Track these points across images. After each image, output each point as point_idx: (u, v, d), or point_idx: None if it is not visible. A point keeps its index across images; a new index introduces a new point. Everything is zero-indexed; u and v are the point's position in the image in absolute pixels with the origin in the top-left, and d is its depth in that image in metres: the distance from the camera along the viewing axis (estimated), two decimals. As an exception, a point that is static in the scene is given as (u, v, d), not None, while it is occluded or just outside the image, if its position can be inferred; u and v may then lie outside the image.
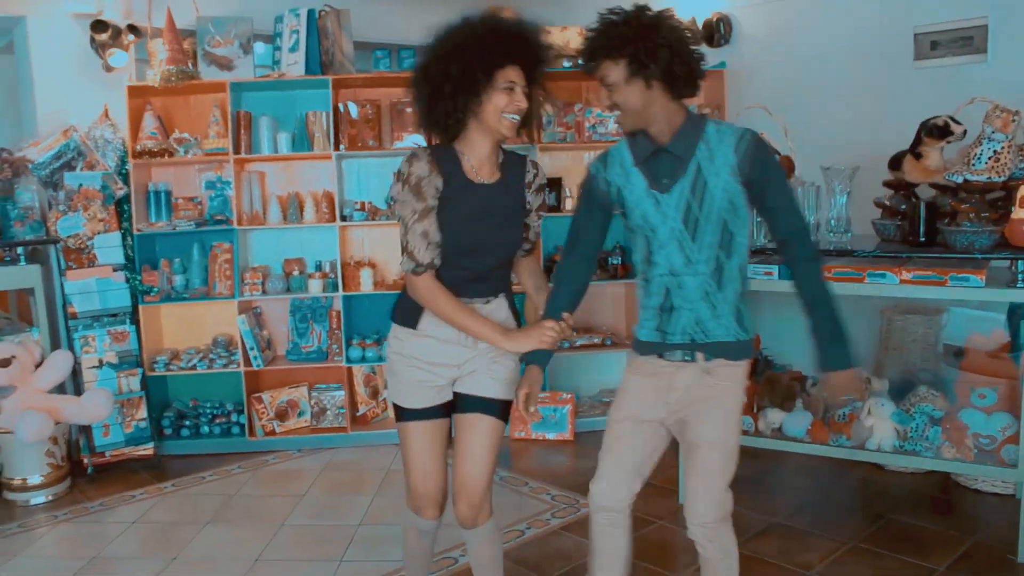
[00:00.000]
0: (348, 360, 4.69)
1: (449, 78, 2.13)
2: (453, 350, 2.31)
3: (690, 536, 2.35)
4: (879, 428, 3.34)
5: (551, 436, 4.69)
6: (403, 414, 2.37)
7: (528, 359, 2.32)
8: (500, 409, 2.36)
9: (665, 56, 2.09)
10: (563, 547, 3.37)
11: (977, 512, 3.55)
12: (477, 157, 2.25)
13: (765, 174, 2.17)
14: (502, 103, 2.15)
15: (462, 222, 2.22)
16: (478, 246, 2.26)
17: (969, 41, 3.99)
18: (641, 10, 2.13)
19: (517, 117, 2.19)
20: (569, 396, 4.71)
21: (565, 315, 2.35)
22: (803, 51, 4.62)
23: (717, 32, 4.90)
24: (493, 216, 2.25)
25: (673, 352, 2.28)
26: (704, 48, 4.95)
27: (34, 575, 3.32)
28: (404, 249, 2.22)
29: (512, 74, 2.16)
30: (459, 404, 2.38)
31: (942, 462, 3.25)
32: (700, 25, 4.94)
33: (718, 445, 2.29)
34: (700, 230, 2.18)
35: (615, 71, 2.12)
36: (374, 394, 4.89)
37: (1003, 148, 3.07)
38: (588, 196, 2.37)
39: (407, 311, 2.33)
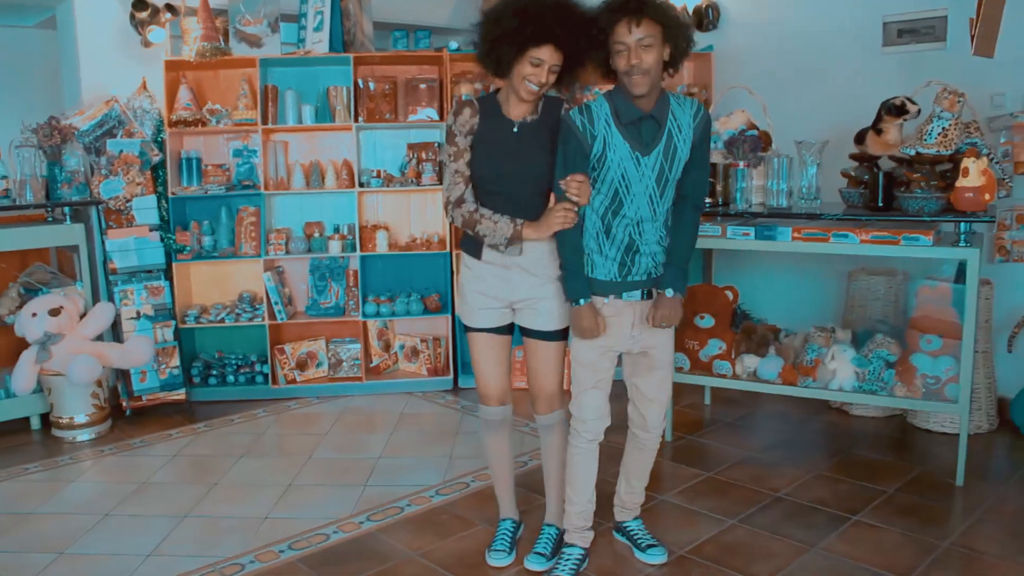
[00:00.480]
0: (363, 315, 5.12)
1: (496, 38, 2.57)
2: (502, 285, 2.79)
3: (640, 438, 2.96)
4: (841, 371, 3.79)
5: (549, 386, 5.12)
6: (468, 327, 2.88)
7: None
8: (551, 335, 2.83)
9: (685, 33, 2.55)
10: (562, 474, 3.82)
11: (928, 448, 4.02)
12: (512, 101, 2.70)
13: (704, 141, 2.68)
14: (526, 71, 2.58)
15: (491, 154, 2.70)
16: (508, 173, 2.70)
17: (931, 30, 4.42)
18: None
19: (536, 87, 2.60)
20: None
21: (570, 178, 2.59)
22: (783, 36, 5.03)
23: (706, 17, 5.30)
24: (522, 148, 2.69)
25: (632, 292, 2.72)
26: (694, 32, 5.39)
27: (91, 498, 3.72)
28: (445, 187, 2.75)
29: (543, 52, 2.55)
30: (522, 330, 2.88)
31: (895, 399, 3.71)
32: (691, 11, 5.35)
33: (670, 363, 2.90)
34: (667, 187, 2.65)
35: (655, 32, 2.48)
36: (387, 347, 5.32)
37: (950, 125, 3.51)
38: (572, 146, 2.59)
39: (468, 242, 2.83)
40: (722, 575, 2.89)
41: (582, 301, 2.67)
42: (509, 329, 2.90)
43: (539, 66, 2.57)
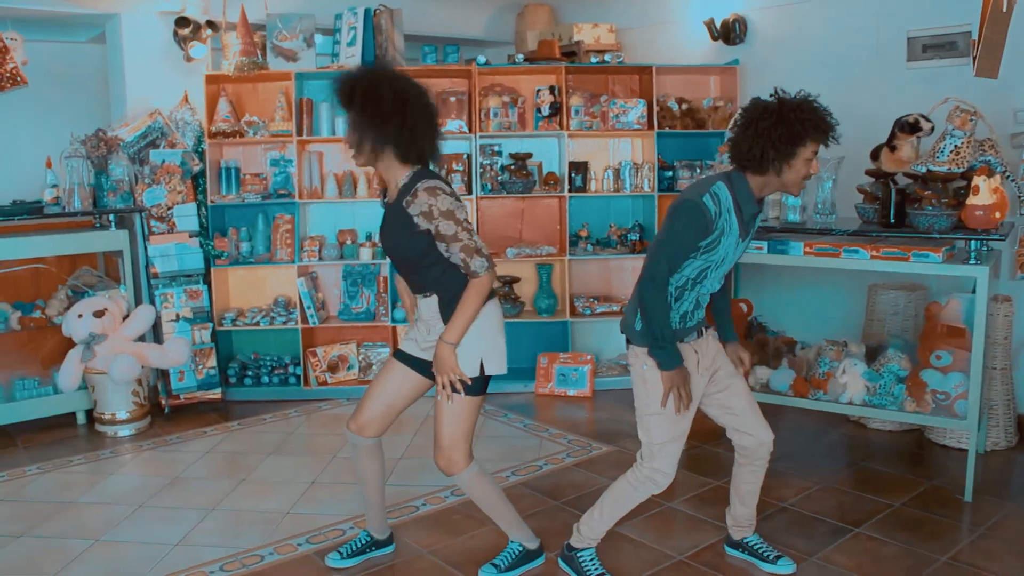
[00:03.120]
0: (393, 320, 5.28)
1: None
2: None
3: (757, 455, 3.02)
4: (851, 384, 3.84)
5: (572, 393, 5.24)
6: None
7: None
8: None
9: None
10: (574, 479, 3.92)
11: (942, 463, 4.03)
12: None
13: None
14: None
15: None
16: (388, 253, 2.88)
17: (954, 45, 4.43)
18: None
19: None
20: (590, 357, 5.26)
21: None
22: (809, 51, 5.07)
23: (733, 32, 5.37)
24: (385, 229, 2.83)
25: (690, 335, 2.83)
26: (721, 45, 5.46)
27: (128, 489, 3.94)
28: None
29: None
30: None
31: (904, 414, 3.75)
32: (719, 24, 5.42)
33: (742, 375, 3.01)
34: (732, 265, 2.86)
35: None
36: (415, 352, 5.47)
37: (963, 143, 3.54)
38: (697, 227, 2.62)
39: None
40: (718, 581, 2.98)
41: (679, 363, 2.73)
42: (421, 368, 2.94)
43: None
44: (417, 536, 3.37)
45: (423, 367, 2.93)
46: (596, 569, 2.95)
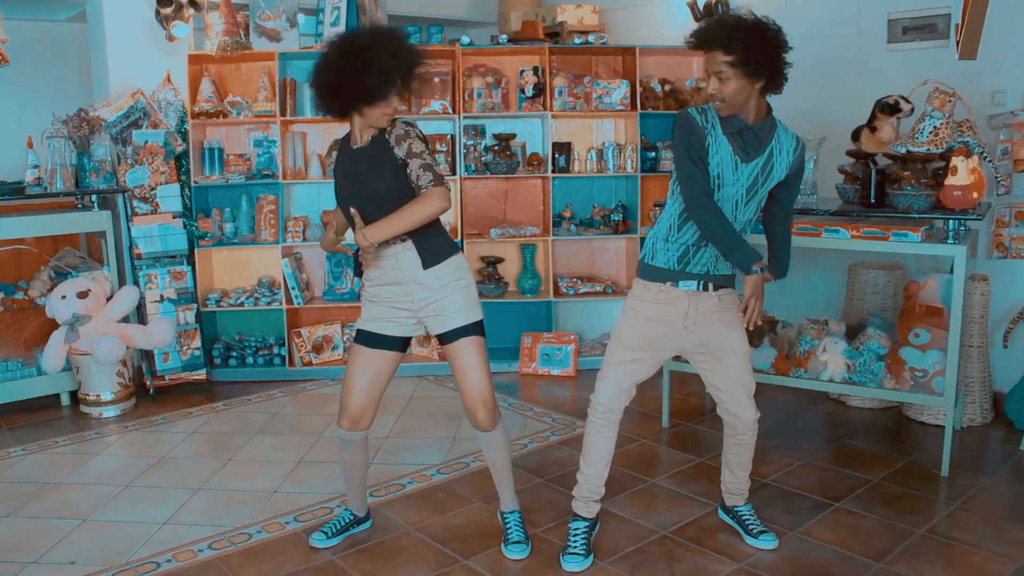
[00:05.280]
0: (377, 301, 5.29)
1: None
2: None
3: (739, 430, 3.05)
4: (832, 362, 3.90)
5: (555, 372, 5.28)
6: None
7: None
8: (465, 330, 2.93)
9: (767, 60, 2.65)
10: (559, 457, 3.97)
11: (920, 439, 4.10)
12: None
13: (799, 171, 2.84)
14: None
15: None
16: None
17: (934, 27, 4.48)
18: (758, 19, 2.68)
19: None
20: (573, 337, 5.30)
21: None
22: (790, 31, 4.98)
23: (715, 12, 5.35)
24: (356, 174, 2.85)
25: (688, 281, 2.82)
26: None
27: (114, 470, 3.94)
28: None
29: None
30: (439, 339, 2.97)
31: (883, 391, 3.81)
32: (701, 5, 5.43)
33: (743, 352, 2.93)
34: (752, 199, 2.79)
35: (729, 66, 2.62)
36: (400, 332, 5.49)
37: (941, 124, 3.59)
38: (692, 131, 2.70)
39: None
40: (699, 554, 3.04)
41: (757, 270, 2.72)
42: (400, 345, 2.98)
43: None
44: (404, 514, 3.40)
45: (391, 343, 2.94)
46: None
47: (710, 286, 2.83)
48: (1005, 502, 3.42)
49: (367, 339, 2.94)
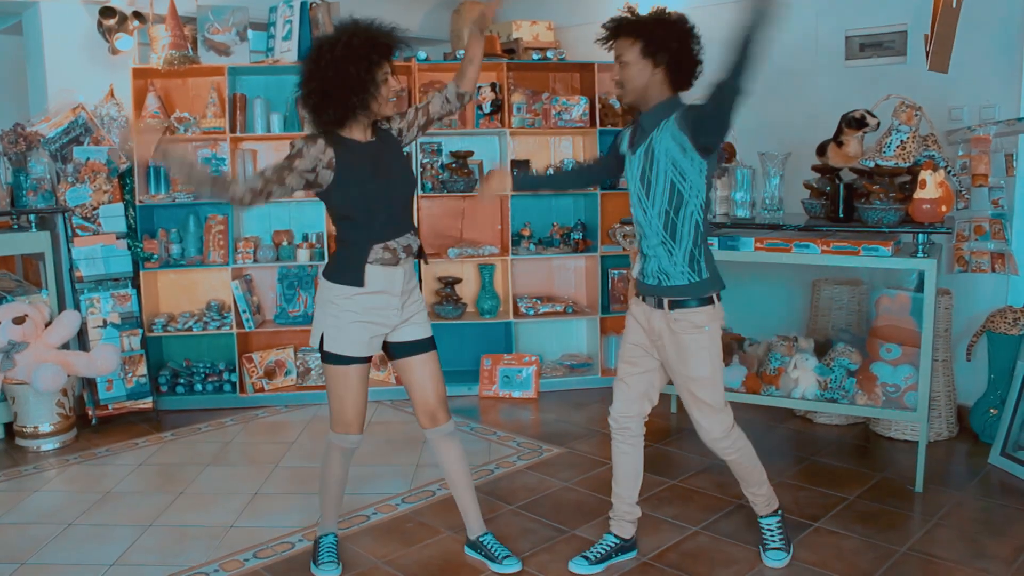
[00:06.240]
0: (333, 324, 5.11)
1: None
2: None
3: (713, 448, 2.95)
4: (803, 379, 3.85)
5: (516, 395, 5.16)
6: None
7: None
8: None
9: (672, 49, 2.60)
10: (527, 483, 3.84)
11: (889, 455, 4.08)
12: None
13: (694, 109, 2.60)
14: None
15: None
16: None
17: (892, 44, 4.51)
18: (662, 10, 2.65)
19: None
20: (534, 358, 5.19)
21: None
22: (749, 49, 5.09)
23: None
24: (382, 167, 2.84)
25: (648, 297, 2.80)
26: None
27: (55, 507, 3.69)
28: None
29: None
30: (396, 349, 2.96)
31: (856, 407, 3.78)
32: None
33: (691, 378, 2.80)
34: (652, 188, 2.68)
35: (630, 50, 2.62)
36: (356, 356, 5.31)
37: (908, 138, 3.59)
38: (616, 138, 2.93)
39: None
40: (684, 581, 2.94)
41: None
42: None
43: None
44: (370, 546, 3.23)
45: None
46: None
47: (664, 302, 2.76)
48: (980, 516, 3.39)
49: (359, 359, 2.85)
